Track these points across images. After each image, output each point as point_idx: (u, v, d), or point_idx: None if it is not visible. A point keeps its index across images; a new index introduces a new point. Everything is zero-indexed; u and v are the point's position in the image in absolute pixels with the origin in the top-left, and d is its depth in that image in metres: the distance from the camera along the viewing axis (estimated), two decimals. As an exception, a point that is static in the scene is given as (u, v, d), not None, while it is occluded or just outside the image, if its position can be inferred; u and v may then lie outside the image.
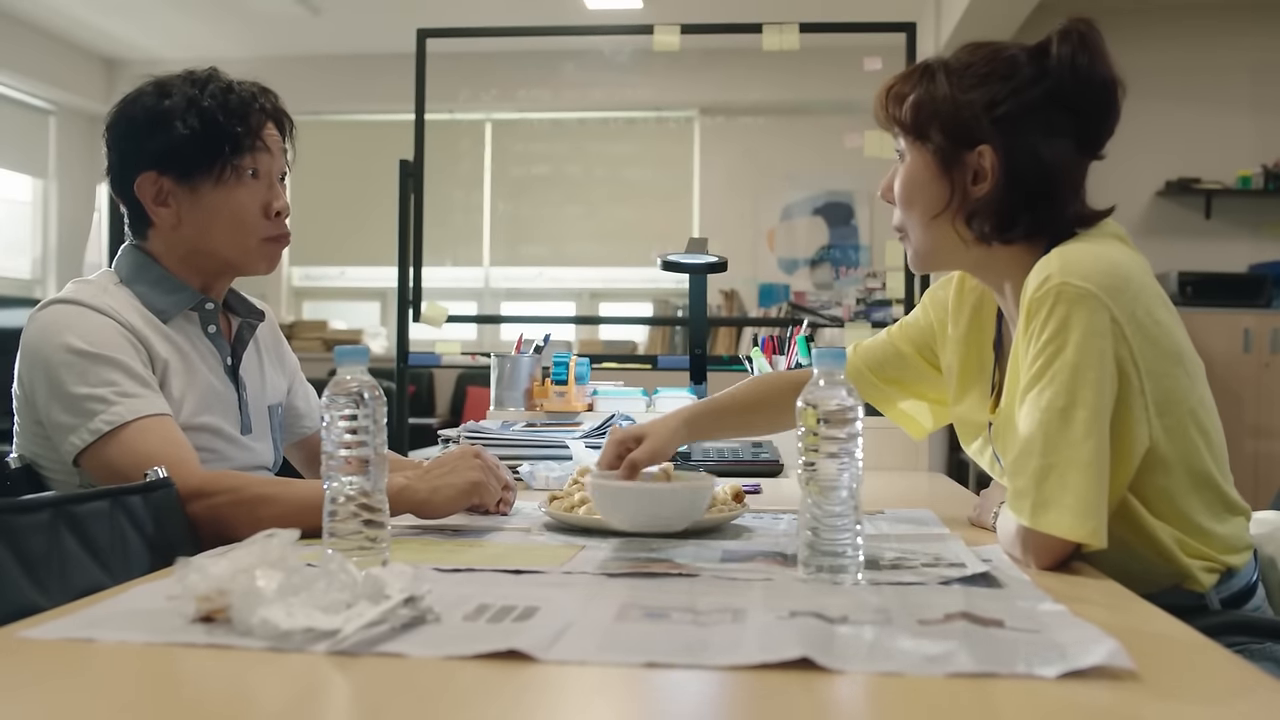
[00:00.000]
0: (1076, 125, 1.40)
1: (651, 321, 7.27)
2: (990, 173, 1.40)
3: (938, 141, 1.42)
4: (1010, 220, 1.41)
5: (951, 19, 5.90)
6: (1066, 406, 1.27)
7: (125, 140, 1.70)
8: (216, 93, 1.68)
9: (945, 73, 1.43)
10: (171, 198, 1.69)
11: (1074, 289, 1.28)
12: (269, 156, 1.73)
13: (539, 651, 0.85)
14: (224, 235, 1.71)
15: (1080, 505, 1.26)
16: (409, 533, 1.45)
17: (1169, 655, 0.93)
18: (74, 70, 7.69)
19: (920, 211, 1.47)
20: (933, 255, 1.51)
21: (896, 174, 1.50)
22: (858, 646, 0.88)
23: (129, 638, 0.90)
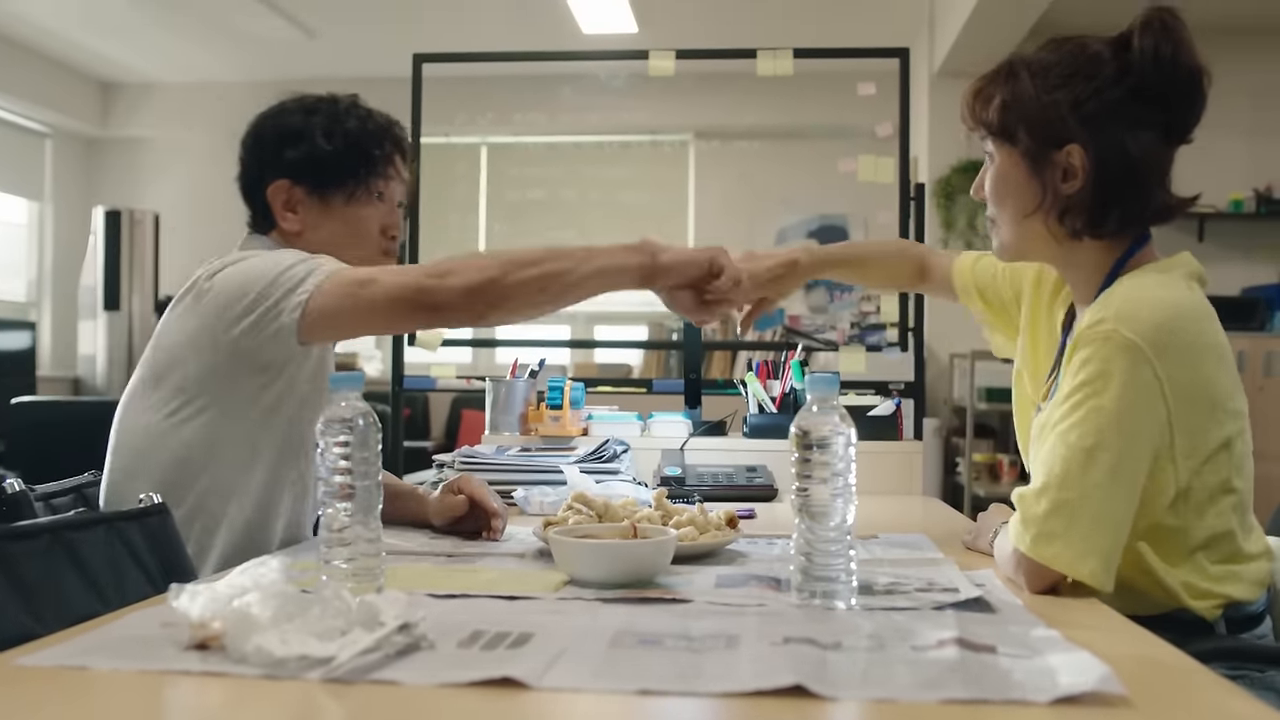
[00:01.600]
0: (1163, 116, 1.41)
1: (646, 345, 7.27)
2: (1080, 171, 1.41)
3: (1025, 143, 1.44)
4: (1102, 215, 1.43)
5: (945, 43, 5.93)
6: (1093, 448, 1.30)
7: (266, 147, 1.80)
8: (359, 117, 1.80)
9: (1029, 72, 1.44)
10: (300, 206, 1.79)
11: (1123, 339, 1.30)
12: (397, 183, 1.85)
13: (533, 679, 0.85)
14: (344, 247, 1.78)
15: (1084, 544, 1.28)
16: (404, 558, 1.45)
17: (1162, 681, 0.93)
18: (70, 93, 7.71)
19: (1012, 210, 1.48)
20: (1022, 251, 1.53)
21: (987, 173, 1.51)
22: (851, 673, 0.88)
23: (123, 665, 0.90)
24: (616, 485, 1.97)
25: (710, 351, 6.67)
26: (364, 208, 1.80)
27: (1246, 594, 1.40)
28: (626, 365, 7.10)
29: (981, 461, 5.79)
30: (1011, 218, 1.49)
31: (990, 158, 1.51)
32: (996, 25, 5.49)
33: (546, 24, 6.24)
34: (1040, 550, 1.29)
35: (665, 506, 1.54)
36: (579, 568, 1.27)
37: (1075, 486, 1.29)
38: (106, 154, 8.10)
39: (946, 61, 6.02)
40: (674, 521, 1.47)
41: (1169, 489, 1.35)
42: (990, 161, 1.51)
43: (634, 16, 6.21)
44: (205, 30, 6.82)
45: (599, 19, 6.23)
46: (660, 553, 1.28)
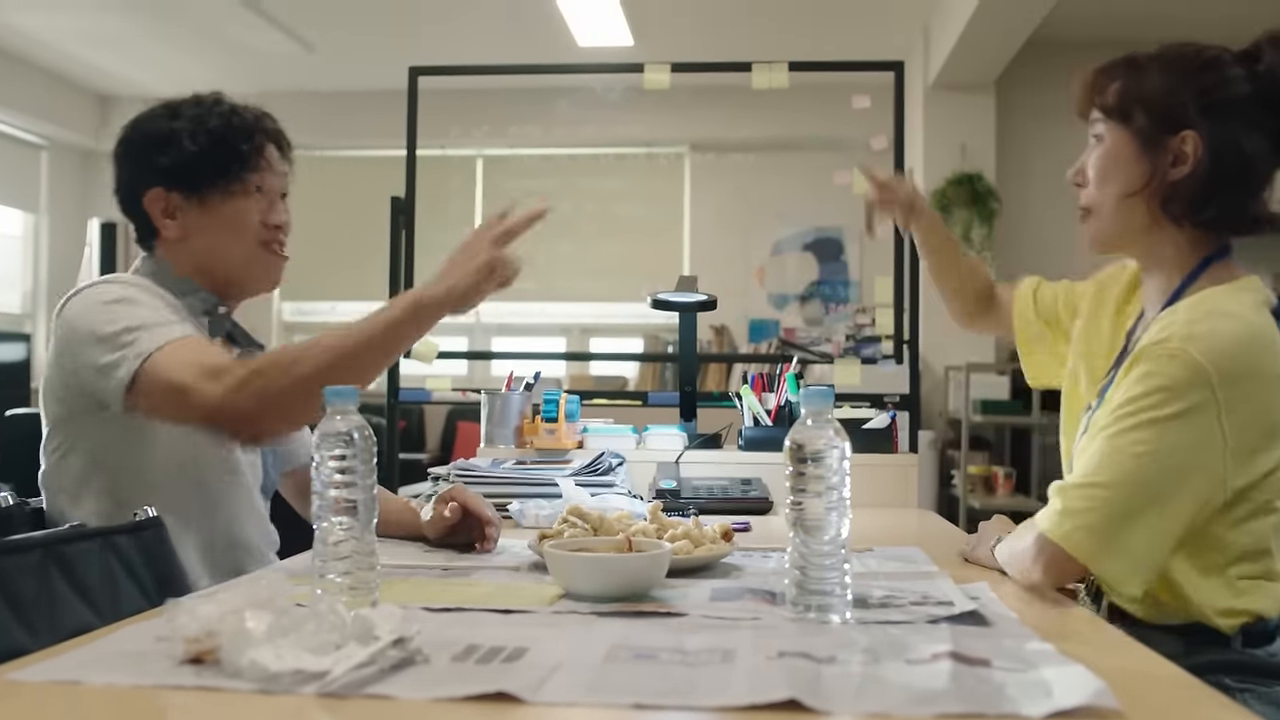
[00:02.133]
0: (1276, 127, 1.45)
1: (642, 358, 7.27)
2: (1192, 157, 1.44)
3: (1141, 123, 1.47)
4: (1203, 204, 1.45)
5: (940, 56, 5.95)
6: (1145, 457, 1.33)
7: (136, 157, 1.79)
8: (223, 114, 1.79)
9: (1155, 63, 1.49)
10: (179, 211, 1.78)
11: (1190, 360, 1.33)
12: (272, 175, 1.83)
13: (527, 693, 0.85)
14: (227, 244, 1.79)
15: (1118, 546, 1.32)
16: (399, 572, 1.44)
17: (1156, 695, 0.93)
18: (67, 105, 7.72)
19: (1116, 188, 1.51)
20: (1116, 236, 1.54)
21: (1090, 155, 1.55)
22: (845, 687, 0.88)
23: (117, 680, 0.90)
24: (612, 498, 1.97)
25: (706, 364, 6.68)
26: (241, 201, 1.79)
27: (1271, 610, 1.42)
28: (622, 378, 7.11)
29: (976, 474, 5.79)
30: (1114, 197, 1.52)
31: (1097, 140, 1.54)
32: (991, 39, 5.52)
33: (543, 37, 6.26)
34: (1074, 541, 1.32)
35: (660, 520, 1.54)
36: (574, 582, 1.27)
37: (1123, 488, 1.32)
38: (103, 166, 7.97)
39: (941, 74, 6.04)
40: (669, 535, 1.46)
41: (1212, 507, 1.37)
42: (1094, 144, 1.55)
43: (629, 30, 6.23)
44: (202, 43, 6.83)
45: (594, 32, 6.25)
46: (655, 566, 1.28)
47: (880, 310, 3.64)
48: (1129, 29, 6.17)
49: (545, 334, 7.90)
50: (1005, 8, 5.11)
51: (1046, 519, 1.36)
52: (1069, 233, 1.85)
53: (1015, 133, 6.34)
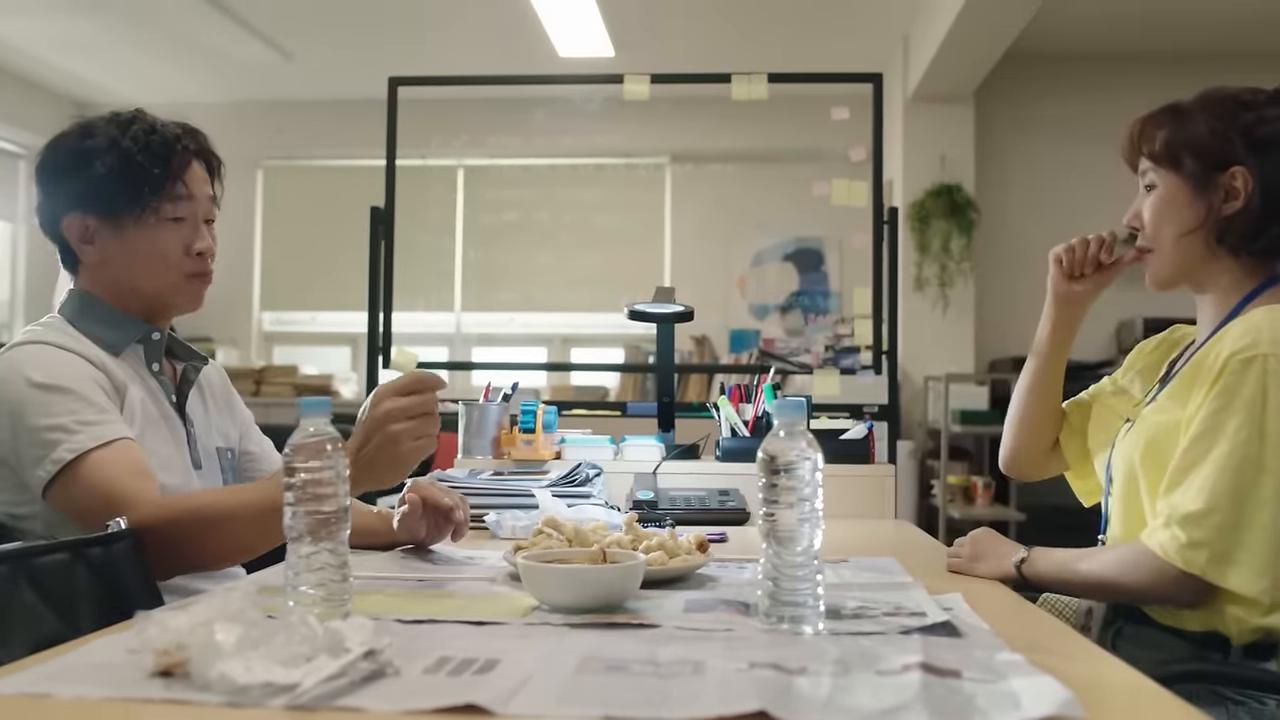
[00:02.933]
0: None
1: (622, 368, 7.27)
2: (1243, 191, 1.54)
3: (1191, 167, 1.57)
4: (1257, 234, 1.55)
5: (919, 68, 5.98)
6: (1255, 470, 1.38)
7: (51, 180, 1.73)
8: (138, 134, 1.70)
9: (1197, 107, 1.60)
10: (96, 236, 1.71)
11: (1277, 362, 1.40)
12: (190, 202, 1.74)
13: (498, 705, 0.85)
14: (147, 274, 1.73)
15: (1258, 564, 1.37)
16: (374, 583, 1.44)
17: (1124, 706, 0.94)
18: (44, 114, 7.67)
19: (1175, 230, 1.60)
20: (1177, 271, 1.63)
21: (1145, 202, 1.64)
22: (815, 698, 0.88)
23: (86, 692, 0.89)
24: (588, 509, 1.97)
25: (686, 375, 6.69)
26: (156, 230, 1.71)
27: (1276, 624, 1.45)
28: (603, 388, 7.10)
29: (956, 484, 5.81)
30: (1172, 237, 1.60)
31: (1149, 188, 1.63)
32: (970, 51, 5.55)
33: (523, 48, 6.26)
34: (1216, 571, 1.38)
35: (636, 530, 1.54)
36: (548, 593, 1.27)
37: (1244, 508, 1.38)
38: (81, 175, 8.05)
39: (920, 86, 6.07)
40: (644, 546, 1.47)
41: None
42: (1145, 193, 1.64)
43: (610, 41, 6.24)
44: (180, 51, 6.81)
45: (576, 43, 6.26)
46: (629, 578, 1.28)
47: (859, 321, 3.66)
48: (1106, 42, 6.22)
49: (527, 344, 7.89)
50: (984, 20, 5.13)
51: (1177, 553, 1.40)
52: (1047, 243, 1.88)
53: (994, 144, 6.37)
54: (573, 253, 7.54)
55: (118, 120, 1.72)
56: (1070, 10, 5.67)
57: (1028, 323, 2.02)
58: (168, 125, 1.75)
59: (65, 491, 1.50)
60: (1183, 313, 1.72)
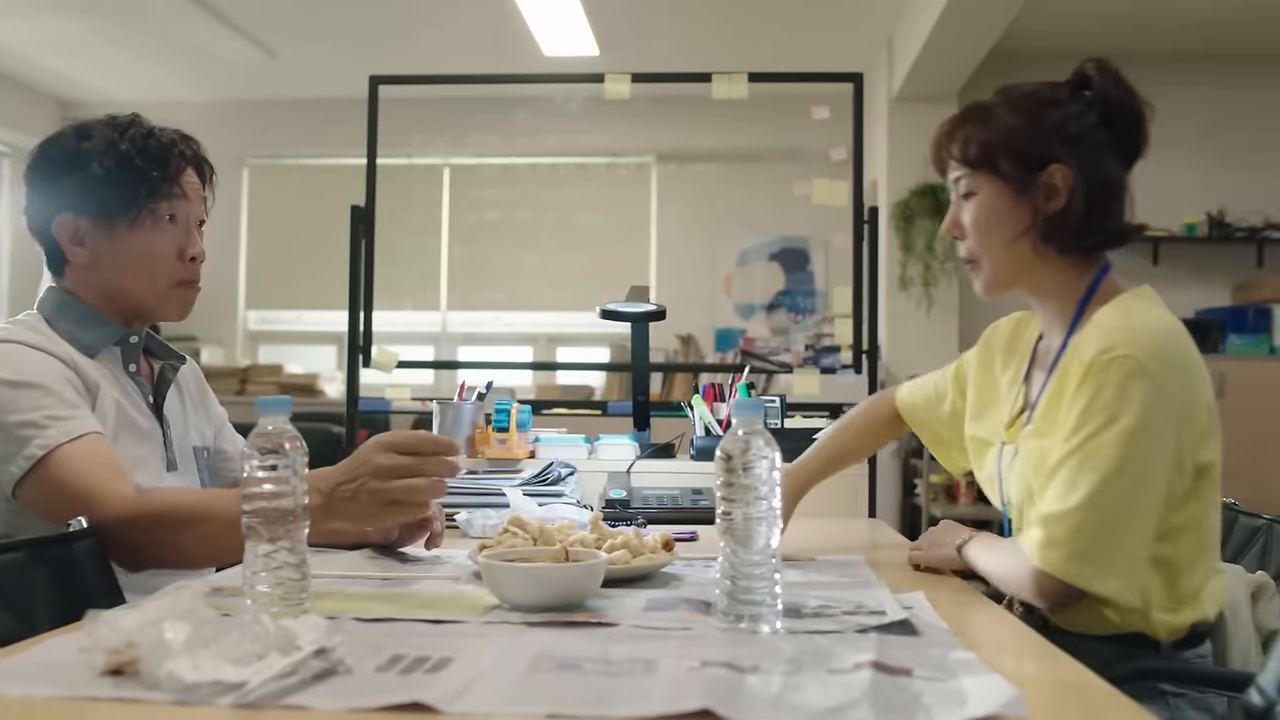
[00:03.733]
0: (1121, 144, 1.54)
1: (598, 367, 7.27)
2: (1063, 189, 1.50)
3: (1009, 169, 1.52)
4: (1086, 229, 1.52)
5: (903, 67, 5.99)
6: (1113, 471, 1.36)
7: (44, 180, 1.73)
8: (136, 137, 1.71)
9: (1003, 107, 1.55)
10: (88, 238, 1.71)
11: (1137, 363, 1.38)
12: (186, 203, 1.75)
13: (444, 704, 0.85)
14: (136, 277, 1.73)
15: (1112, 564, 1.36)
16: (336, 583, 1.44)
17: (1072, 704, 0.94)
18: (29, 112, 7.64)
19: (1002, 237, 1.55)
20: (1010, 276, 1.58)
21: (963, 210, 1.59)
22: (762, 697, 0.89)
23: (34, 691, 0.89)
24: (559, 508, 1.97)
25: (672, 374, 6.69)
26: (151, 233, 1.71)
27: (1203, 616, 1.45)
28: (589, 387, 7.10)
29: (938, 483, 5.82)
30: (1000, 245, 1.56)
31: (961, 196, 1.59)
32: (953, 50, 5.56)
33: (509, 47, 6.26)
34: (1070, 569, 1.36)
35: (601, 529, 1.54)
36: (508, 592, 1.27)
37: (1101, 508, 1.36)
38: (65, 173, 8.02)
39: (905, 85, 6.07)
40: (608, 545, 1.47)
41: (1171, 505, 1.42)
42: (960, 200, 1.59)
43: (595, 40, 6.23)
44: (166, 50, 6.79)
45: (560, 42, 6.25)
46: (589, 576, 1.28)
47: (840, 320, 3.66)
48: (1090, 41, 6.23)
49: (513, 343, 7.88)
50: (967, 20, 5.14)
51: (1037, 552, 1.39)
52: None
53: (978, 144, 6.36)
54: (558, 252, 7.54)
55: (115, 123, 1.73)
56: (1053, 10, 5.68)
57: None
58: (164, 130, 1.76)
59: (37, 488, 1.50)
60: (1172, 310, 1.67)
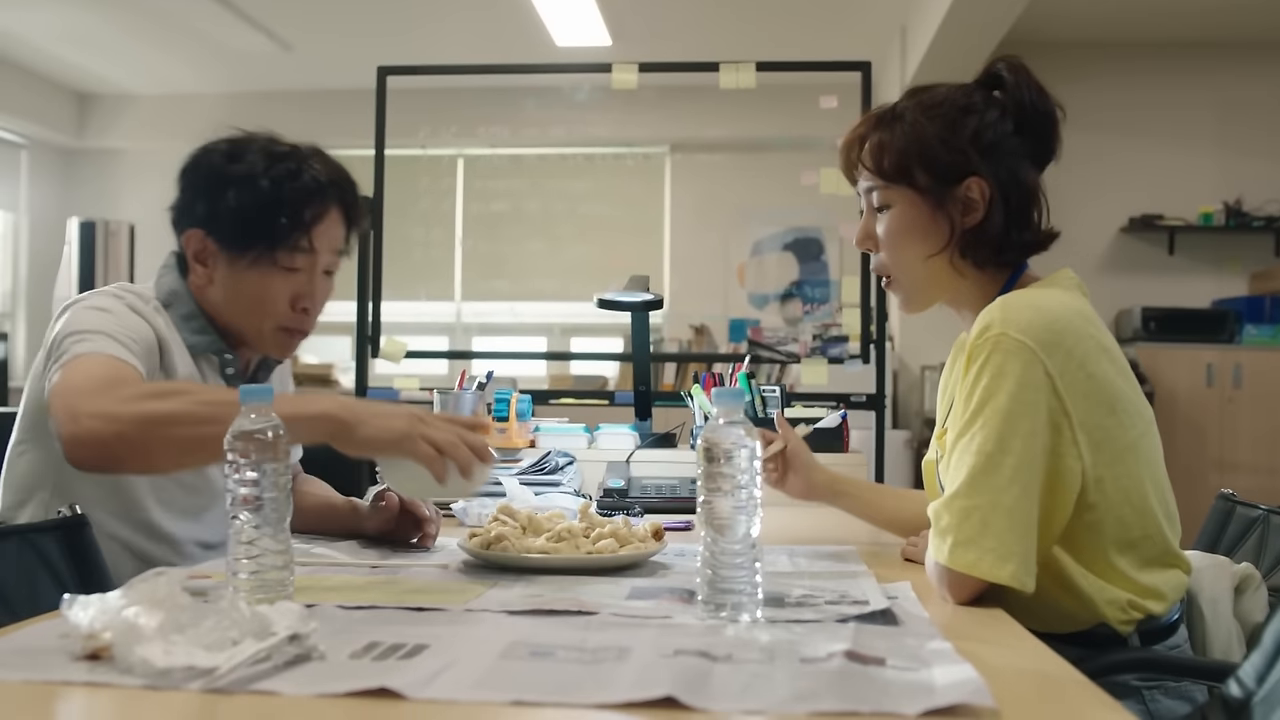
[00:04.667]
0: (1034, 149, 1.48)
1: (607, 357, 7.28)
2: (981, 201, 1.44)
3: (924, 182, 1.45)
4: (1005, 242, 1.47)
5: (916, 55, 5.96)
6: (994, 452, 1.31)
7: (187, 190, 1.70)
8: (282, 175, 1.65)
9: (915, 114, 1.46)
10: (210, 259, 1.69)
11: (1011, 341, 1.32)
12: (310, 255, 1.69)
13: (412, 690, 0.85)
14: (243, 313, 1.70)
15: (1000, 548, 1.29)
16: (324, 570, 1.45)
17: (1041, 694, 0.94)
18: (46, 104, 7.70)
19: (917, 252, 1.49)
20: (928, 292, 1.53)
21: (878, 222, 1.51)
22: (731, 685, 0.89)
23: (7, 676, 0.90)
24: (557, 497, 1.97)
25: (686, 365, 6.70)
26: (269, 277, 1.67)
27: (1170, 599, 1.42)
28: (602, 377, 7.11)
29: (952, 473, 5.80)
30: (917, 261, 1.49)
31: (874, 206, 1.51)
32: (966, 39, 5.53)
33: (520, 38, 6.26)
34: (957, 559, 1.30)
35: (590, 518, 1.54)
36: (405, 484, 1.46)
37: (984, 491, 1.30)
38: (82, 165, 8.09)
39: (918, 74, 6.04)
40: (595, 534, 1.47)
41: (1075, 487, 1.36)
42: (873, 211, 1.52)
43: (607, 30, 6.23)
44: (181, 42, 6.82)
45: (572, 33, 6.25)
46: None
47: (847, 310, 3.66)
48: (1103, 29, 6.20)
49: (527, 333, 7.89)
50: (980, 8, 5.12)
51: (933, 545, 1.34)
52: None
53: (992, 133, 6.32)
54: (572, 242, 7.54)
55: (270, 151, 1.68)
56: (1067, -2, 5.66)
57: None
58: (316, 171, 1.68)
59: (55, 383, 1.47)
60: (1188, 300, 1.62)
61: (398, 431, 1.33)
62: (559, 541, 1.46)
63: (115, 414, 1.36)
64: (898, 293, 1.55)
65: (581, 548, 1.45)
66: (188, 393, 1.40)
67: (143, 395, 1.39)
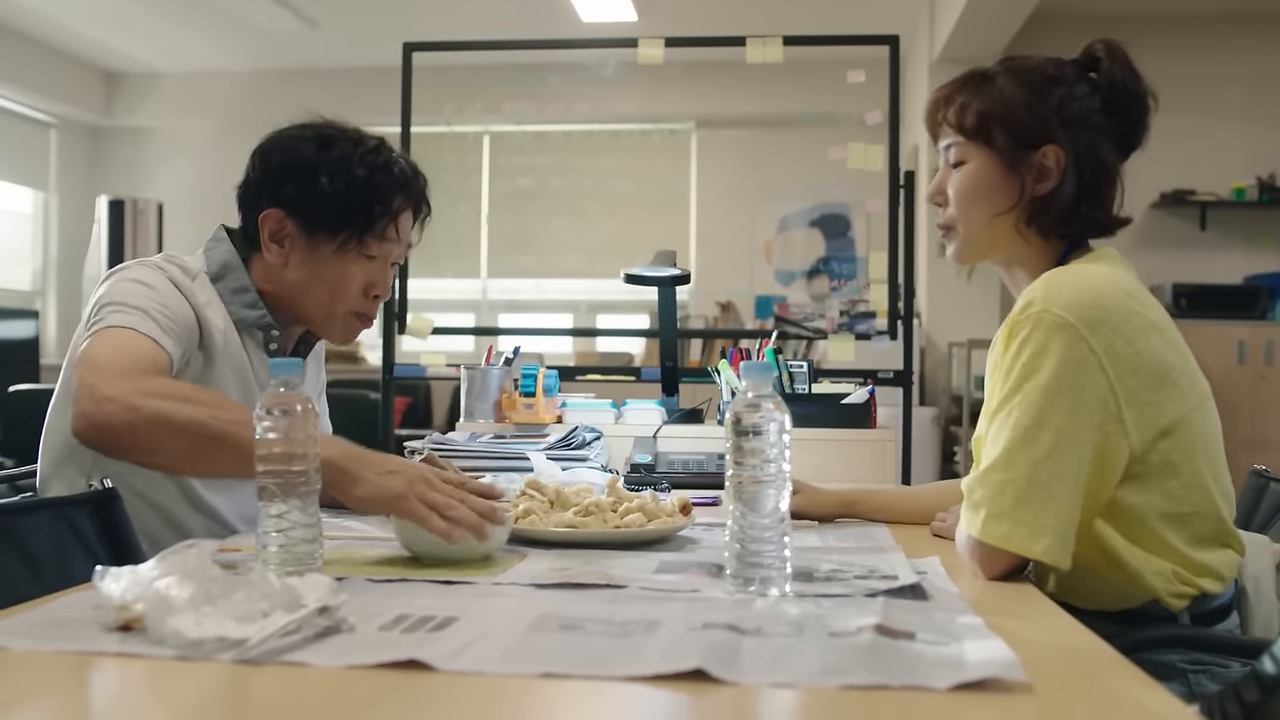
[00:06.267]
0: (1119, 131, 1.49)
1: (634, 333, 7.27)
2: (1055, 171, 1.46)
3: (1003, 143, 1.47)
4: (1071, 215, 1.47)
5: (945, 30, 5.91)
6: (1032, 426, 1.30)
7: (269, 172, 1.72)
8: (375, 165, 1.70)
9: (1006, 78, 1.49)
10: (289, 241, 1.71)
11: (1054, 317, 1.32)
12: (392, 245, 1.75)
13: (441, 662, 0.85)
14: (318, 297, 1.73)
15: (1034, 522, 1.28)
16: (353, 544, 1.45)
17: (1073, 669, 0.93)
18: (74, 83, 7.74)
19: (985, 210, 1.50)
20: (984, 249, 1.54)
21: (950, 178, 1.53)
22: (760, 658, 0.89)
23: (41, 646, 0.91)
24: (584, 472, 1.97)
25: (713, 340, 6.68)
26: (350, 263, 1.71)
27: (1216, 587, 1.40)
28: (628, 354, 7.11)
29: (979, 450, 5.78)
30: (983, 218, 1.51)
31: (951, 164, 1.53)
32: (995, 12, 5.48)
33: (545, 13, 6.25)
34: (990, 532, 1.29)
35: (618, 492, 1.54)
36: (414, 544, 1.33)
37: (1020, 465, 1.30)
38: (111, 143, 8.14)
39: (946, 48, 5.99)
40: (623, 508, 1.47)
41: (1121, 463, 1.35)
42: (948, 168, 1.54)
43: (633, 5, 6.20)
44: (208, 20, 6.83)
45: (598, 8, 6.23)
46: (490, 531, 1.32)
47: (875, 286, 3.64)
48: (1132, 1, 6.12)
49: (553, 310, 7.90)
50: (1009, -20, 5.08)
51: (965, 518, 1.34)
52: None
53: (1022, 108, 6.27)
54: (598, 219, 7.53)
55: (359, 141, 1.72)
56: (1100, -30, 5.59)
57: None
58: (404, 165, 1.75)
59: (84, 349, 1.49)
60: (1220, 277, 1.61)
61: (393, 491, 1.31)
62: (587, 516, 1.46)
63: (134, 405, 1.37)
64: (954, 245, 1.56)
65: (609, 522, 1.45)
66: (209, 404, 1.41)
67: (165, 394, 1.41)
